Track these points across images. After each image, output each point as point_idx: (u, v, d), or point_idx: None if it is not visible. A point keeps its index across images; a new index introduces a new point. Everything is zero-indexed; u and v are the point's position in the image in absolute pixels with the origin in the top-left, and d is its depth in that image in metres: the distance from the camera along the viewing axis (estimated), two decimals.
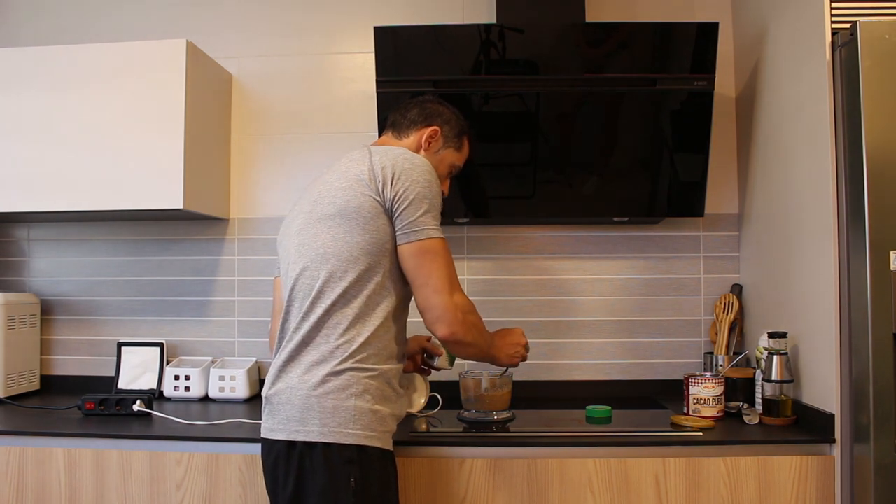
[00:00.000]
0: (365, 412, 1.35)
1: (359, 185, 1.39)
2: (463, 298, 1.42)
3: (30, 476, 1.69)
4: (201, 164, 2.09)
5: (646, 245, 2.25)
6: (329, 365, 1.35)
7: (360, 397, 1.35)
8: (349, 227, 1.38)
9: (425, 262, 1.38)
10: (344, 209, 1.39)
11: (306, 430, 1.34)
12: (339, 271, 1.37)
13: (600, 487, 1.61)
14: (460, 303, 1.40)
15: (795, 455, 1.60)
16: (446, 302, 1.38)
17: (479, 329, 1.48)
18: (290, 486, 1.35)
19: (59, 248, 2.36)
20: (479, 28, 2.01)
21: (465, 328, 1.41)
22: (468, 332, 1.42)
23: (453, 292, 1.39)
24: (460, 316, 1.39)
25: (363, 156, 1.44)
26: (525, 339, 1.68)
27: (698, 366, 2.18)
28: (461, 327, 1.39)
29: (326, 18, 2.35)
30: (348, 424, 1.33)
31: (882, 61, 1.50)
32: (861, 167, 1.50)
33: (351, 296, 1.37)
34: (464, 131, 1.66)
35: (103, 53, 2.01)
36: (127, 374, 2.24)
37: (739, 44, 2.20)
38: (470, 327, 1.43)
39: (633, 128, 2.06)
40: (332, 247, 1.39)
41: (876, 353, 1.48)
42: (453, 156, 1.65)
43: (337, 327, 1.36)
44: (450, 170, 1.66)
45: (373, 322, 1.38)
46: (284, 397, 1.37)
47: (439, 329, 1.39)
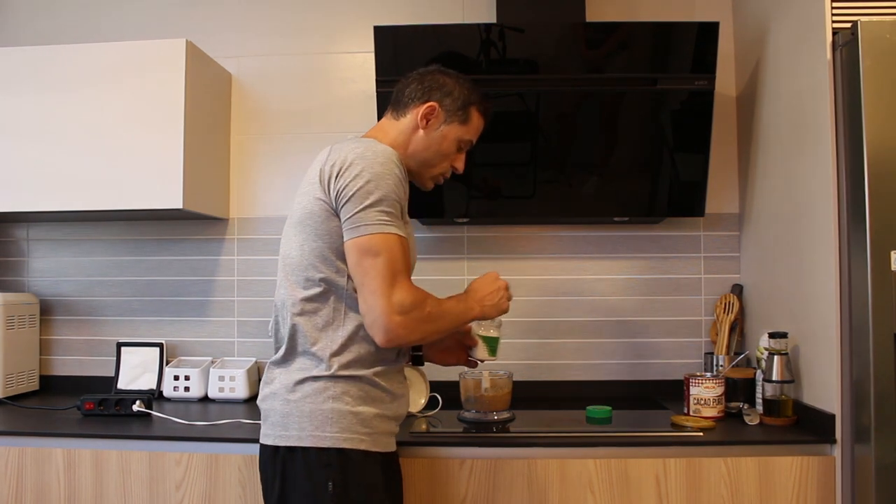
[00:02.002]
0: (344, 414, 1.32)
1: (312, 188, 1.37)
2: (404, 294, 1.30)
3: (29, 476, 1.69)
4: (201, 164, 2.09)
5: (646, 245, 2.25)
6: (306, 371, 1.35)
7: (339, 399, 1.33)
8: (305, 234, 1.37)
9: (362, 260, 1.30)
10: (301, 216, 1.38)
11: (287, 434, 1.34)
12: (302, 280, 1.36)
13: (600, 488, 1.61)
14: (399, 301, 1.29)
15: (796, 455, 1.60)
16: (381, 305, 1.28)
17: (430, 318, 1.35)
18: (276, 490, 1.36)
19: (58, 248, 2.36)
20: (479, 28, 2.01)
21: (407, 328, 1.30)
22: (412, 331, 1.32)
23: (392, 292, 1.28)
24: (397, 318, 1.28)
25: (322, 155, 1.41)
26: (502, 280, 1.53)
27: (699, 366, 2.18)
28: (401, 329, 1.29)
29: (326, 18, 2.35)
30: (325, 427, 1.31)
31: (883, 61, 1.50)
32: (862, 167, 1.50)
33: (317, 303, 1.35)
34: (469, 102, 1.50)
35: (103, 53, 2.01)
36: (126, 375, 2.23)
37: (740, 43, 2.20)
38: (414, 324, 1.31)
39: (633, 128, 2.06)
40: (293, 256, 1.39)
41: (877, 353, 1.47)
42: (458, 130, 1.49)
43: (309, 335, 1.35)
44: (458, 145, 1.52)
45: (346, 327, 1.35)
46: (269, 404, 1.39)
47: (375, 335, 1.30)
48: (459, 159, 1.54)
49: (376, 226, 1.30)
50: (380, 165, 1.33)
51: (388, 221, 1.31)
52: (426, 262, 2.25)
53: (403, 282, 1.31)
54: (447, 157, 1.51)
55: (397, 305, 1.29)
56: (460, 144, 1.52)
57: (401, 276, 1.31)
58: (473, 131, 1.53)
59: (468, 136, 1.52)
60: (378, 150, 1.35)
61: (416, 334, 1.34)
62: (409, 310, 1.30)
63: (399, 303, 1.29)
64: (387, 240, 1.30)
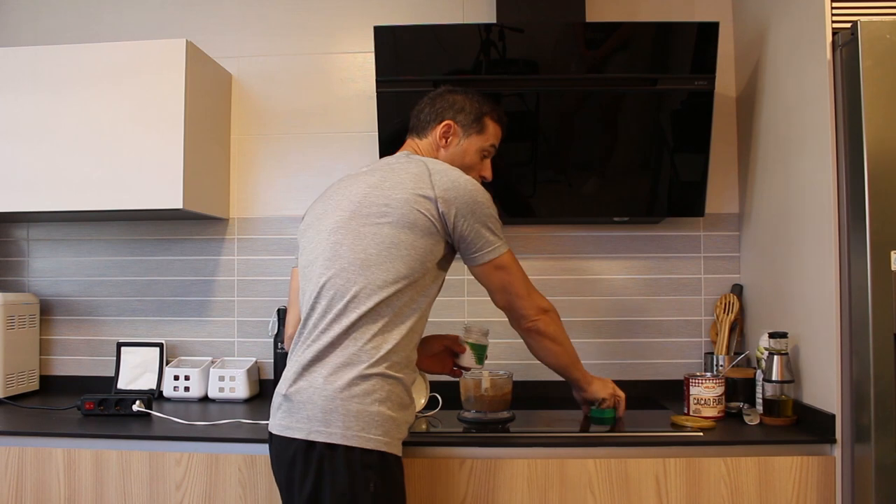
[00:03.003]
0: (387, 419, 1.35)
1: (417, 200, 1.40)
2: (544, 300, 1.59)
3: (29, 476, 1.69)
4: (201, 164, 2.09)
5: (646, 245, 2.25)
6: (356, 369, 1.34)
7: (384, 403, 1.35)
8: (399, 238, 1.39)
9: (500, 275, 1.51)
10: (398, 220, 1.39)
11: (328, 431, 1.32)
12: (379, 280, 1.37)
13: (600, 488, 1.61)
14: (544, 305, 1.59)
15: (796, 455, 1.60)
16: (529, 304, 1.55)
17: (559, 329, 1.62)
18: (307, 486, 1.34)
19: (58, 247, 2.36)
20: (479, 28, 2.01)
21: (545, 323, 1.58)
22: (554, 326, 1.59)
23: (534, 297, 1.57)
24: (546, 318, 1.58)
25: (420, 170, 1.44)
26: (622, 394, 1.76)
27: (699, 366, 2.18)
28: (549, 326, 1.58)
29: (326, 18, 2.35)
30: (371, 430, 1.33)
31: (883, 61, 1.50)
32: (862, 167, 1.50)
33: (386, 304, 1.38)
34: (482, 112, 1.60)
35: (103, 53, 2.01)
36: (126, 375, 2.23)
37: (740, 44, 2.20)
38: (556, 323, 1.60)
39: (633, 128, 2.06)
40: (374, 255, 1.38)
41: (877, 353, 1.47)
42: (477, 141, 1.60)
43: (367, 332, 1.36)
44: (481, 154, 1.62)
45: (400, 331, 1.39)
46: (306, 396, 1.35)
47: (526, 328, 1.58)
48: (486, 167, 1.65)
49: (505, 247, 1.51)
50: (482, 193, 1.47)
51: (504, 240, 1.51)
52: None
53: (535, 290, 1.58)
54: (473, 168, 1.60)
55: (542, 307, 1.58)
56: (483, 153, 1.62)
57: (532, 285, 1.58)
58: (492, 138, 1.63)
59: (486, 144, 1.62)
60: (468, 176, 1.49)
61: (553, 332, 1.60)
62: (549, 311, 1.59)
63: (543, 305, 1.58)
64: (513, 257, 1.53)
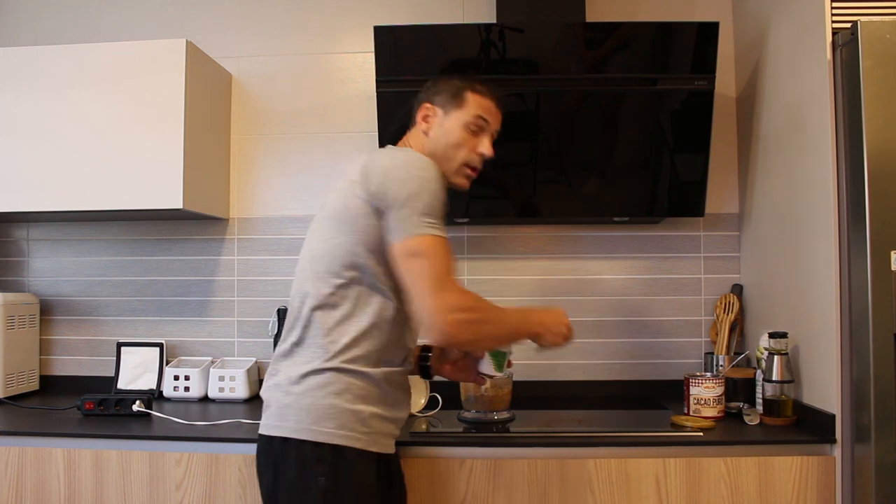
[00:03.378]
0: (343, 411, 1.32)
1: (351, 186, 1.38)
2: (455, 297, 1.31)
3: (29, 476, 1.69)
4: (201, 164, 2.09)
5: (646, 245, 2.25)
6: (313, 364, 1.35)
7: (340, 396, 1.33)
8: (337, 229, 1.38)
9: (409, 262, 1.31)
10: (334, 211, 1.39)
11: (283, 425, 1.34)
12: (326, 273, 1.37)
13: (600, 487, 1.61)
14: (450, 303, 1.29)
15: (796, 455, 1.60)
16: (432, 305, 1.28)
17: (484, 321, 1.36)
18: (266, 480, 1.37)
19: (58, 248, 2.36)
20: (479, 28, 2.01)
21: (460, 328, 1.30)
22: (465, 331, 1.32)
23: (441, 292, 1.29)
24: (450, 317, 1.28)
25: (365, 157, 1.43)
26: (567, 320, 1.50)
27: (699, 366, 2.18)
28: (452, 328, 1.29)
29: (326, 18, 2.35)
30: (323, 423, 1.32)
31: (883, 61, 1.50)
32: (862, 167, 1.50)
33: (339, 297, 1.36)
34: (461, 88, 1.51)
35: (103, 53, 2.01)
36: (126, 375, 2.23)
37: (740, 44, 2.20)
38: (467, 325, 1.31)
39: (633, 128, 2.06)
40: (319, 248, 1.39)
41: (877, 352, 1.47)
42: (459, 116, 1.49)
43: (323, 327, 1.35)
44: (468, 129, 1.49)
45: (359, 324, 1.36)
46: (270, 394, 1.39)
47: (430, 336, 1.31)
48: (482, 143, 1.51)
49: (422, 228, 1.32)
50: (423, 171, 1.37)
51: (435, 225, 1.34)
52: None
53: (451, 283, 1.32)
54: (460, 146, 1.49)
55: (448, 306, 1.29)
56: (470, 128, 1.49)
57: (449, 277, 1.32)
58: (476, 109, 1.50)
59: (470, 116, 1.49)
60: (420, 157, 1.40)
61: (469, 335, 1.34)
62: (462, 310, 1.30)
63: (450, 303, 1.29)
64: (433, 241, 1.33)
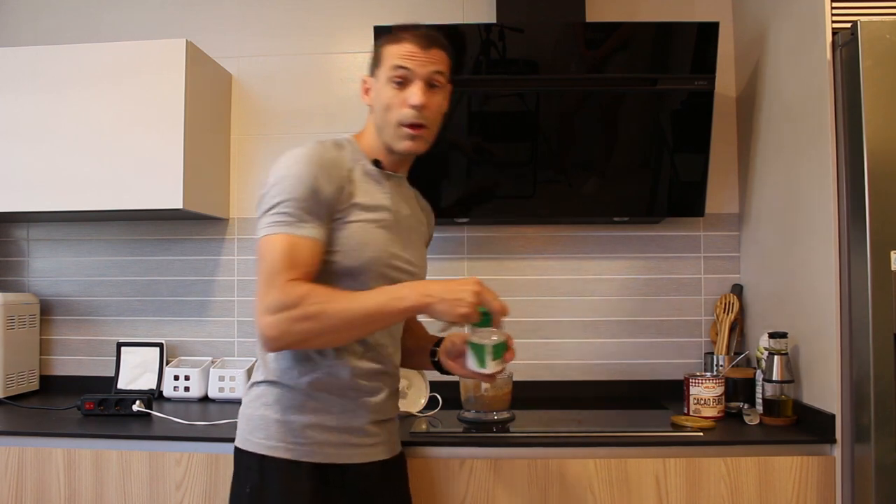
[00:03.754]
0: (270, 422, 1.32)
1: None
2: (276, 294, 1.20)
3: (29, 476, 1.69)
4: (201, 164, 2.09)
5: (646, 245, 2.25)
6: (255, 376, 1.39)
7: (269, 407, 1.33)
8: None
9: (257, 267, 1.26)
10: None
11: (234, 435, 1.39)
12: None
13: (600, 487, 1.61)
14: (269, 302, 1.20)
15: (796, 455, 1.60)
16: (256, 308, 1.22)
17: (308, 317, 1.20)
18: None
19: (58, 248, 2.36)
20: (479, 28, 2.01)
21: (278, 329, 1.20)
22: (285, 332, 1.20)
23: (266, 294, 1.21)
24: (266, 319, 1.20)
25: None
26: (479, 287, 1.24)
27: (699, 366, 2.18)
28: (270, 330, 1.20)
29: (326, 18, 2.34)
30: (254, 433, 1.33)
31: (883, 61, 1.50)
32: (862, 167, 1.50)
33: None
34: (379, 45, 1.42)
35: (103, 53, 2.01)
36: (126, 375, 2.23)
37: (740, 43, 2.20)
38: (286, 324, 1.20)
39: (633, 128, 2.06)
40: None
41: (877, 352, 1.47)
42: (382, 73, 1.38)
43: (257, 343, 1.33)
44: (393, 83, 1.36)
45: None
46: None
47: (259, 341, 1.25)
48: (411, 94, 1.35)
49: (264, 229, 1.26)
50: (286, 168, 1.29)
51: (278, 223, 1.25)
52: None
53: (278, 281, 1.21)
54: (390, 105, 1.36)
55: (267, 306, 1.21)
56: (394, 81, 1.36)
57: (278, 275, 1.22)
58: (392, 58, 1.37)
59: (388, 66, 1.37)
60: (293, 154, 1.30)
61: (291, 336, 1.21)
62: (279, 309, 1.20)
63: (269, 303, 1.21)
64: (268, 241, 1.25)
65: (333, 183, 1.30)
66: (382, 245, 1.35)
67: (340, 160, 1.34)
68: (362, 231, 1.32)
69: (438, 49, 1.39)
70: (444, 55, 1.40)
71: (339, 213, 1.31)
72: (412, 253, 1.43)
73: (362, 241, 1.32)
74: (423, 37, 1.38)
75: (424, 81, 1.36)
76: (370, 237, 1.33)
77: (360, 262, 1.31)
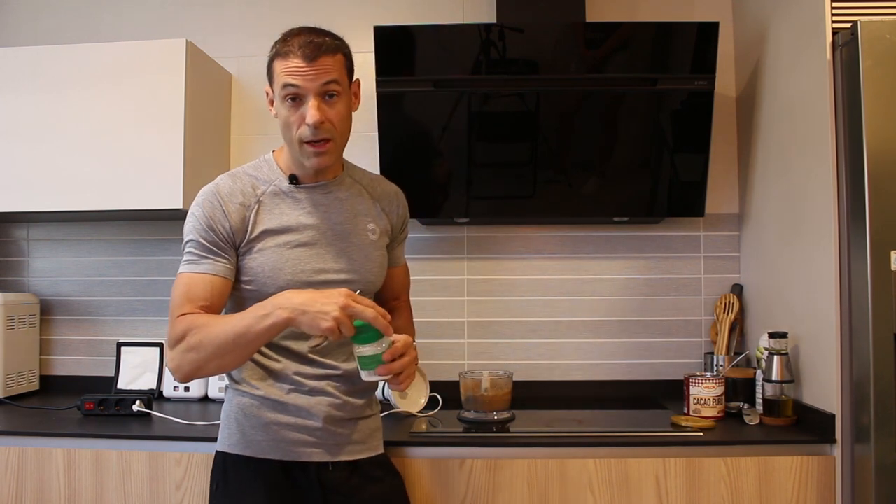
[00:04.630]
0: (233, 422, 1.39)
1: None
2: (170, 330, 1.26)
3: (29, 476, 1.69)
4: (201, 164, 2.09)
5: (646, 245, 2.25)
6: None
7: (232, 409, 1.40)
8: None
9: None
10: None
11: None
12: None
13: (600, 487, 1.61)
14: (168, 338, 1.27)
15: (796, 455, 1.60)
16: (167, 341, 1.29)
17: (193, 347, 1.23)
18: None
19: (58, 248, 2.36)
20: (479, 28, 2.01)
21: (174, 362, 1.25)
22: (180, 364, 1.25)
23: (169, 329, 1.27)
24: (168, 354, 1.27)
25: None
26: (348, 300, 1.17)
27: (698, 366, 2.18)
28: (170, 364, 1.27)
29: (326, 18, 2.32)
30: (221, 434, 1.42)
31: (883, 61, 1.50)
32: (862, 167, 1.50)
33: None
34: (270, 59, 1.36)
35: (103, 53, 2.01)
36: (126, 375, 2.23)
37: (740, 44, 2.20)
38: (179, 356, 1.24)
39: (633, 128, 2.06)
40: None
41: (877, 353, 1.47)
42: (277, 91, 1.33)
43: None
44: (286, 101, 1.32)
45: None
46: None
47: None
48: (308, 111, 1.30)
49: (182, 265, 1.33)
50: (190, 209, 1.37)
51: (183, 262, 1.33)
52: (426, 262, 2.25)
53: (173, 317, 1.27)
54: (289, 124, 1.33)
55: (167, 341, 1.28)
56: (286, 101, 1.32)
57: (174, 312, 1.28)
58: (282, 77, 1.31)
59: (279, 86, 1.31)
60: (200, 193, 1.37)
61: (186, 367, 1.25)
62: (173, 344, 1.26)
63: (168, 339, 1.28)
64: (175, 282, 1.32)
65: (232, 216, 1.33)
66: (301, 265, 1.36)
67: (245, 190, 1.36)
68: (275, 256, 1.35)
69: (327, 56, 1.31)
70: (336, 59, 1.33)
71: (247, 243, 1.35)
72: (348, 261, 1.40)
73: (275, 267, 1.34)
74: (307, 46, 1.30)
75: (318, 96, 1.31)
76: (283, 261, 1.35)
77: (277, 288, 1.30)
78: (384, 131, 2.04)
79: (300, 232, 1.37)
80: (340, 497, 1.39)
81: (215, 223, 1.33)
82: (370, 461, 1.44)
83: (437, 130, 2.06)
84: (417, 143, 2.08)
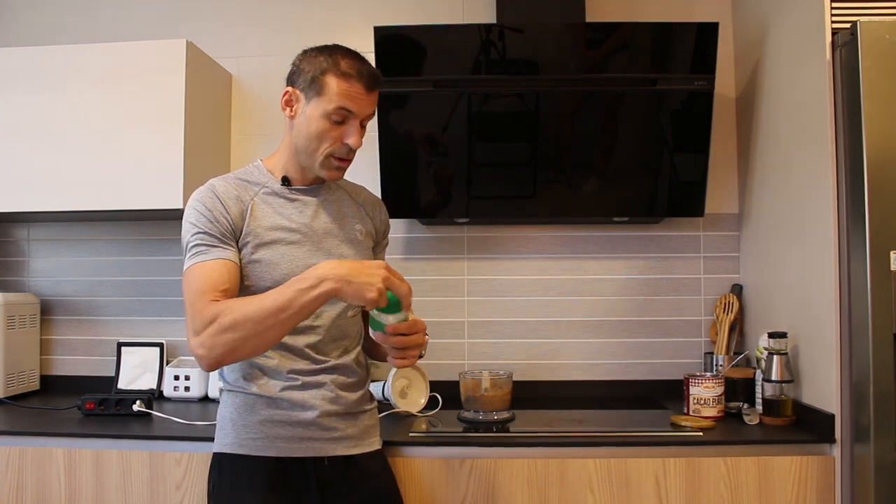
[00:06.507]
0: (227, 423, 1.41)
1: None
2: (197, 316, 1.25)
3: (30, 476, 1.69)
4: (201, 164, 2.09)
5: (646, 245, 2.25)
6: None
7: (227, 410, 1.41)
8: None
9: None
10: None
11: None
12: None
13: (600, 487, 1.61)
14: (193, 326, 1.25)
15: (796, 455, 1.60)
16: (187, 333, 1.27)
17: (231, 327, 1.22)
18: None
19: (58, 248, 2.36)
20: (479, 28, 2.01)
21: (206, 347, 1.23)
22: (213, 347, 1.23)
23: (191, 320, 1.26)
24: (195, 340, 1.24)
25: None
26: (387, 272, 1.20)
27: (698, 366, 2.18)
28: (201, 350, 1.24)
29: (326, 18, 2.34)
30: (217, 435, 1.43)
31: (882, 61, 1.50)
32: (861, 167, 1.50)
33: None
34: (321, 71, 1.34)
35: (103, 53, 2.01)
36: (127, 375, 2.23)
37: (739, 44, 2.20)
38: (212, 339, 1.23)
39: (633, 128, 2.06)
40: None
41: (876, 352, 1.48)
42: (319, 105, 1.34)
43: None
44: (329, 120, 1.35)
45: None
46: None
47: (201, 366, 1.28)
48: (349, 133, 1.36)
49: (187, 261, 1.33)
50: (187, 211, 1.39)
51: (191, 256, 1.33)
52: (426, 262, 2.25)
53: (198, 305, 1.26)
54: (323, 137, 1.36)
55: (193, 329, 1.25)
56: (332, 118, 1.35)
57: (197, 301, 1.27)
58: (338, 99, 1.34)
59: (332, 108, 1.34)
60: (195, 193, 1.40)
61: (218, 349, 1.23)
62: (203, 328, 1.24)
63: (193, 326, 1.25)
64: (186, 276, 1.32)
65: (231, 211, 1.37)
66: (296, 261, 1.38)
67: (239, 190, 1.41)
68: (271, 252, 1.37)
69: (378, 90, 1.39)
70: (378, 95, 1.41)
71: (244, 238, 1.37)
72: (339, 258, 1.42)
73: (272, 263, 1.37)
74: (370, 77, 1.36)
75: (362, 122, 1.39)
76: (278, 257, 1.38)
77: (273, 283, 1.31)
78: (384, 131, 2.04)
79: (294, 230, 1.41)
80: (337, 493, 1.40)
81: (218, 214, 1.36)
82: (366, 457, 1.44)
83: (437, 130, 2.06)
84: (417, 143, 2.08)
